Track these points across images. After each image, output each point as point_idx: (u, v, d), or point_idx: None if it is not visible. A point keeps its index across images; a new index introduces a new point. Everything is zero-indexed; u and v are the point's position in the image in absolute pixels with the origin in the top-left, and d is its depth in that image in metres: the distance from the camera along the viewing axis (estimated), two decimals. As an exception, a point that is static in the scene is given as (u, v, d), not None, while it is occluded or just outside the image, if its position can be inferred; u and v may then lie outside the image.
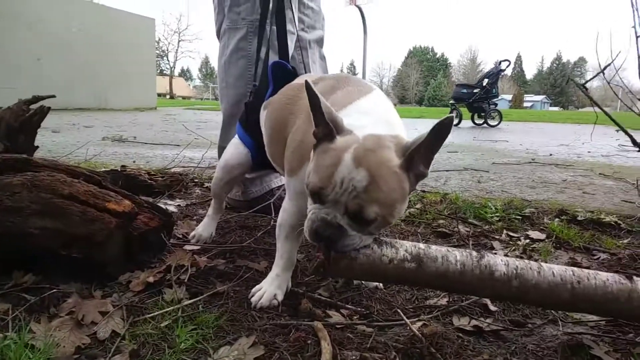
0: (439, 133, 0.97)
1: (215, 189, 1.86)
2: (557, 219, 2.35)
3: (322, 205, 1.01)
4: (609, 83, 1.57)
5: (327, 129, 1.02)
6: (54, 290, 1.27)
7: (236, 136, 1.83)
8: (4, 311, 1.17)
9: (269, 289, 1.33)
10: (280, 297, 1.32)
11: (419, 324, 1.23)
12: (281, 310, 1.29)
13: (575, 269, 1.10)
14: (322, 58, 2.53)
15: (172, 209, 2.29)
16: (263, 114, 1.66)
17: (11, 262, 1.33)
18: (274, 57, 2.19)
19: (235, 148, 1.80)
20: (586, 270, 1.10)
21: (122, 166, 2.73)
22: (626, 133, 1.43)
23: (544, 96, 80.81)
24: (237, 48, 2.26)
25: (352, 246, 1.03)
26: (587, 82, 1.59)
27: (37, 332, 1.07)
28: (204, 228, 1.86)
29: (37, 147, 2.20)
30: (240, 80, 2.27)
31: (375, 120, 1.12)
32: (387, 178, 0.97)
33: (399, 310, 1.29)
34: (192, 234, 1.85)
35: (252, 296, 1.32)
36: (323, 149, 1.03)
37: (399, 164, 0.99)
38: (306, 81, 1.02)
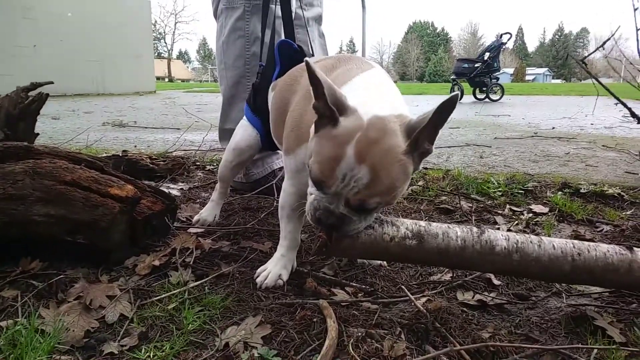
0: (445, 111, 0.95)
1: (224, 171, 1.85)
2: (560, 192, 2.35)
3: (323, 194, 1.00)
4: (606, 57, 1.55)
5: (328, 109, 0.99)
6: (61, 276, 1.28)
7: (244, 118, 1.81)
8: (13, 297, 1.18)
9: (273, 269, 1.34)
10: (285, 277, 1.33)
11: (424, 299, 1.24)
12: (287, 290, 1.30)
13: (575, 241, 1.10)
14: (321, 36, 2.50)
15: (175, 192, 2.30)
16: (270, 95, 1.65)
17: (18, 250, 1.34)
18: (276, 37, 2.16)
19: (245, 130, 1.77)
20: (586, 243, 1.11)
21: (124, 151, 2.73)
22: (625, 105, 1.41)
23: (546, 69, 79.98)
24: (234, 28, 2.23)
25: (355, 230, 1.04)
26: (585, 57, 1.57)
27: (46, 317, 1.09)
28: (208, 212, 1.85)
29: (38, 134, 2.20)
30: (238, 60, 2.24)
31: (377, 97, 1.10)
32: (391, 169, 0.96)
33: (403, 287, 1.30)
34: (195, 218, 1.83)
35: (258, 277, 1.33)
36: (326, 133, 1.00)
37: (404, 150, 0.97)
38: (306, 60, 1.00)
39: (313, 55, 2.12)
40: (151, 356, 0.99)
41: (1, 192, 1.28)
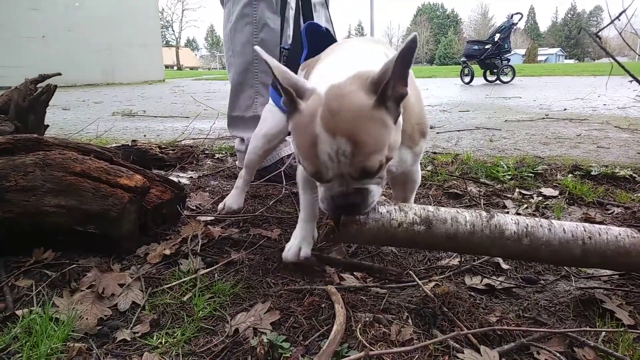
0: (407, 53, 0.90)
1: (254, 158, 1.78)
2: (570, 175, 2.32)
3: (329, 183, 0.99)
4: (620, 33, 1.51)
5: (289, 95, 0.97)
6: (74, 266, 1.31)
7: (270, 102, 1.76)
8: (27, 287, 1.21)
9: (294, 242, 1.33)
10: (306, 249, 1.32)
11: (432, 284, 1.24)
12: (295, 276, 1.31)
13: (586, 224, 1.09)
14: (328, 20, 2.48)
15: (184, 181, 2.31)
16: (301, 75, 1.63)
17: (31, 240, 1.37)
18: (279, 22, 2.15)
19: (273, 116, 1.70)
20: (597, 226, 1.10)
21: (133, 141, 2.75)
22: (638, 81, 1.39)
23: (559, 49, 78.61)
24: (242, 14, 2.22)
25: (375, 199, 1.02)
26: (599, 31, 1.53)
27: (60, 306, 1.11)
28: (234, 200, 1.80)
29: (47, 125, 2.22)
30: (246, 47, 2.24)
31: (339, 65, 1.06)
32: (366, 127, 0.93)
33: (411, 272, 1.31)
34: (220, 205, 1.80)
35: (283, 252, 1.34)
36: (295, 122, 0.99)
37: (372, 105, 0.93)
38: (254, 48, 0.97)
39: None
40: (163, 342, 1.01)
41: (13, 184, 1.30)
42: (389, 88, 0.93)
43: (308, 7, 1.93)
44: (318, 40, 1.63)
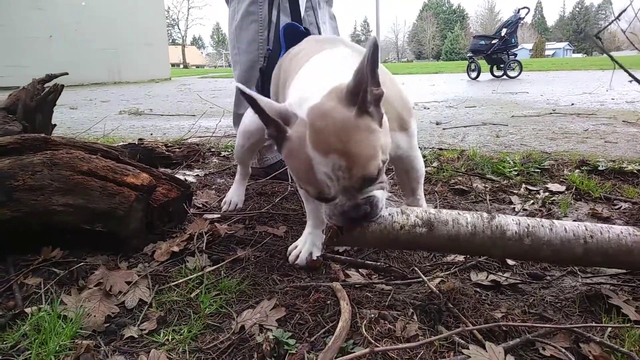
0: (372, 57, 0.90)
1: (238, 155, 1.91)
2: (577, 170, 2.31)
3: (335, 201, 0.99)
4: (624, 32, 1.50)
5: (276, 126, 0.98)
6: (82, 264, 1.32)
7: None
8: (36, 285, 1.22)
9: (303, 247, 1.38)
10: (317, 253, 1.37)
11: (437, 280, 1.25)
12: (301, 273, 1.32)
13: (588, 223, 1.09)
14: (332, 17, 2.48)
15: (190, 179, 2.33)
16: (277, 70, 1.65)
17: (39, 239, 1.38)
18: (285, 20, 2.15)
19: (254, 114, 1.78)
20: (599, 225, 1.09)
21: (140, 139, 2.77)
22: (637, 80, 1.37)
23: (567, 43, 77.93)
24: (247, 12, 2.22)
25: (383, 204, 1.02)
26: (599, 31, 1.51)
27: (68, 304, 1.13)
28: (235, 194, 1.92)
29: (55, 125, 2.24)
30: (252, 45, 2.24)
31: (312, 83, 1.07)
32: (354, 138, 0.93)
33: (416, 268, 1.31)
34: (223, 201, 1.90)
35: (289, 255, 1.39)
36: (287, 150, 0.99)
37: (354, 115, 0.94)
38: (236, 85, 0.97)
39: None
40: (170, 339, 1.02)
41: (21, 184, 1.32)
42: (366, 95, 0.94)
43: (295, 6, 1.95)
44: (297, 41, 1.64)
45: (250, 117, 1.79)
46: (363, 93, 0.93)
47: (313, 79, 1.11)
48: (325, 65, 1.20)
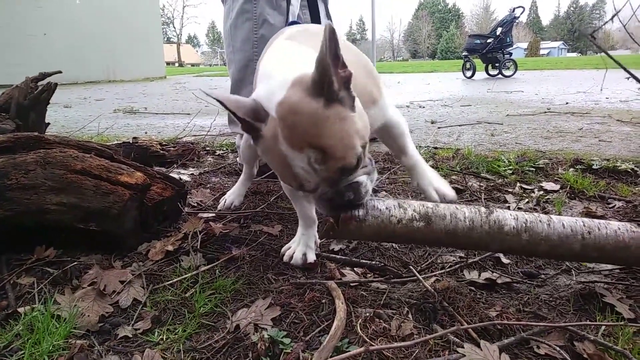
0: (332, 40, 0.87)
1: (244, 154, 1.86)
2: (571, 169, 2.32)
3: (317, 191, 0.98)
4: (624, 26, 1.50)
5: (248, 125, 0.96)
6: (75, 263, 1.31)
7: None
8: (29, 284, 1.21)
9: (297, 248, 1.37)
10: (311, 255, 1.36)
11: (432, 279, 1.25)
12: (296, 272, 1.32)
13: (585, 219, 1.09)
14: (328, 16, 2.47)
15: (185, 178, 2.32)
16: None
17: (32, 238, 1.37)
18: (279, 18, 2.15)
19: None
20: (597, 221, 1.09)
21: (134, 138, 2.75)
22: (635, 78, 1.37)
23: (561, 42, 78.19)
24: (242, 10, 2.22)
25: (368, 188, 1.00)
26: (594, 30, 1.51)
27: (62, 303, 1.12)
28: (235, 193, 1.89)
29: (49, 123, 2.23)
30: (246, 43, 2.23)
31: (274, 77, 1.03)
32: (326, 128, 0.91)
33: (411, 267, 1.31)
34: (221, 200, 1.88)
35: (283, 255, 1.38)
36: (262, 148, 0.98)
37: (323, 104, 0.92)
38: (216, 94, 0.95)
39: None
40: (164, 339, 1.01)
41: (14, 182, 1.31)
42: (333, 83, 0.91)
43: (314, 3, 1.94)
44: None
45: None
46: (328, 82, 0.90)
47: (276, 68, 1.07)
48: (287, 52, 1.18)
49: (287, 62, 1.08)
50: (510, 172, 2.30)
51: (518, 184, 2.12)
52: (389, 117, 1.34)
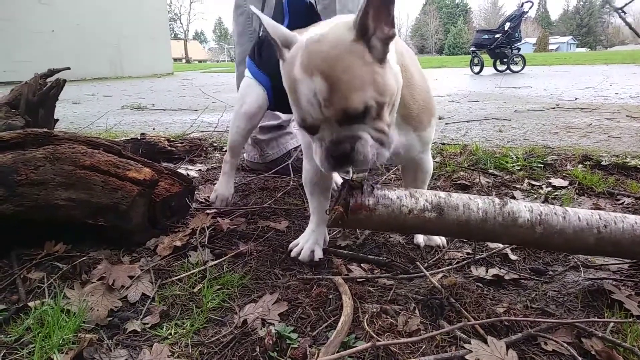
0: None
1: (237, 138, 1.75)
2: (580, 165, 2.30)
3: (319, 134, 0.95)
4: (626, 23, 1.48)
5: (277, 47, 0.97)
6: (85, 258, 1.32)
7: (248, 74, 1.69)
8: (39, 279, 1.23)
9: (305, 244, 1.37)
10: (318, 252, 1.35)
11: (439, 275, 1.24)
12: (303, 267, 1.32)
13: (602, 212, 1.07)
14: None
15: (193, 174, 2.33)
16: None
17: (42, 233, 1.39)
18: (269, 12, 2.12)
19: (252, 90, 1.66)
20: (613, 214, 1.07)
21: (142, 134, 2.76)
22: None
23: (570, 37, 77.53)
24: (237, 5, 2.21)
25: (370, 150, 0.94)
26: (625, 5, 1.47)
27: (71, 298, 1.13)
28: (224, 187, 1.80)
29: (57, 119, 2.24)
30: (242, 37, 2.22)
31: (324, 23, 1.04)
32: (343, 63, 0.89)
33: (418, 263, 1.31)
34: (212, 195, 1.80)
35: (291, 250, 1.38)
36: (283, 72, 0.98)
37: (352, 39, 0.90)
38: (250, 7, 0.99)
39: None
40: (172, 333, 1.02)
41: (24, 178, 1.32)
42: (368, 19, 0.89)
43: None
44: (300, 12, 1.54)
45: (250, 95, 1.68)
46: (364, 16, 0.88)
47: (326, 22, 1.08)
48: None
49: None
50: (519, 168, 2.29)
51: (526, 180, 2.11)
52: (423, 156, 1.31)
